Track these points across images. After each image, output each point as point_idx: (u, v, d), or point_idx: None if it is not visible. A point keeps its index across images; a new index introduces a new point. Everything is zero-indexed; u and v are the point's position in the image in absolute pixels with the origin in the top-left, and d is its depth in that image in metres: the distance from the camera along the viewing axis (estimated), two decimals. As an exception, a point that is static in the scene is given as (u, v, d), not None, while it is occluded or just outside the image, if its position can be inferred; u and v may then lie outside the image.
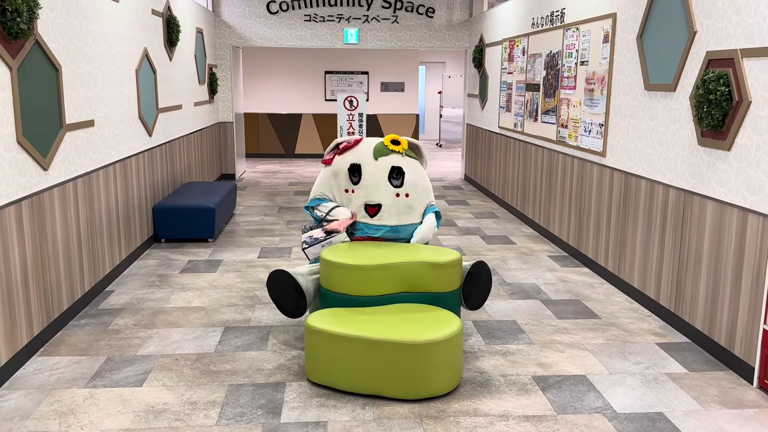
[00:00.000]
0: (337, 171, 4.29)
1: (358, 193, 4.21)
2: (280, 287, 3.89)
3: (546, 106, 6.95)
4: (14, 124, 3.68)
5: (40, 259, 3.99)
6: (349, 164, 4.25)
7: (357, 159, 4.25)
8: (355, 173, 4.23)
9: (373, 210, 4.20)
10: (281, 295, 3.89)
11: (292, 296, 3.88)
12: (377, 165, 4.22)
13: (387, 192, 4.19)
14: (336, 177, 4.29)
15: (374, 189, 4.18)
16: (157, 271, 5.63)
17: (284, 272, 3.87)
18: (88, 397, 3.38)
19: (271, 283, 3.90)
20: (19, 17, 3.53)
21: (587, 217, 5.88)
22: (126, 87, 5.73)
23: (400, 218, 4.22)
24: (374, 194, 4.18)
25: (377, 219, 4.20)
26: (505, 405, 3.36)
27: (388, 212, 4.20)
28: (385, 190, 4.19)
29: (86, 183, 4.74)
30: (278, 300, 3.90)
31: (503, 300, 4.98)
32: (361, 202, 4.21)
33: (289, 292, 3.88)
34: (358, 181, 4.21)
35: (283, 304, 3.91)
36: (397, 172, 4.22)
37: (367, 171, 4.20)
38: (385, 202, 4.19)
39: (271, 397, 3.41)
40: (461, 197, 9.51)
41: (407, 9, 10.94)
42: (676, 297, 4.40)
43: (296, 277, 3.87)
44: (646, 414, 3.28)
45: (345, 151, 4.30)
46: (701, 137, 4.04)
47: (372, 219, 4.20)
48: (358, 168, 4.22)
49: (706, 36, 4.01)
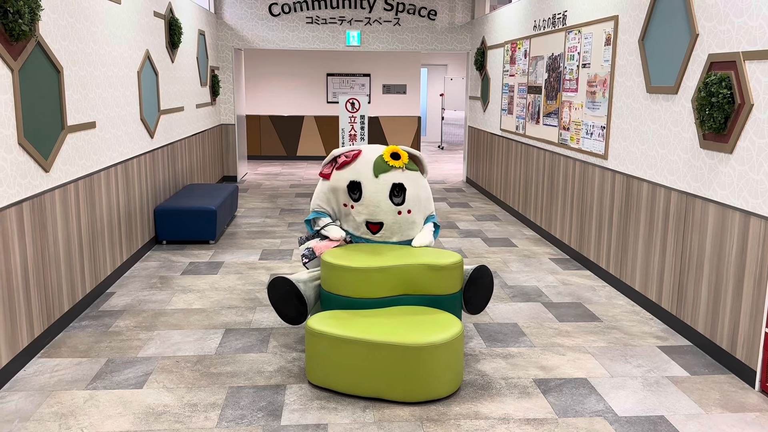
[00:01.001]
0: (336, 187, 4.17)
1: (359, 210, 4.13)
2: (280, 295, 3.88)
3: (548, 109, 6.95)
4: (15, 125, 3.68)
5: (41, 261, 3.99)
6: (348, 181, 4.12)
7: (356, 176, 4.12)
8: (354, 190, 4.12)
9: (375, 228, 4.14)
10: (282, 302, 3.88)
11: (293, 304, 3.88)
12: (378, 183, 4.09)
13: (389, 210, 4.11)
14: (334, 192, 4.18)
15: (375, 208, 4.10)
16: (158, 272, 5.63)
17: (285, 279, 3.86)
18: (89, 399, 3.38)
19: (272, 290, 3.89)
20: (21, 19, 3.53)
21: (589, 220, 5.87)
22: (128, 89, 5.73)
23: (402, 234, 4.20)
24: (375, 213, 4.10)
25: (379, 236, 4.17)
26: (506, 408, 3.35)
27: (390, 230, 4.16)
28: (387, 209, 4.10)
29: (87, 185, 4.74)
30: (279, 307, 3.90)
31: (504, 303, 4.97)
32: (362, 219, 4.13)
33: (289, 300, 3.87)
34: (359, 199, 4.11)
35: (284, 311, 3.90)
36: (398, 190, 4.12)
37: (367, 189, 4.09)
38: (386, 221, 4.12)
39: (272, 400, 3.40)
40: (463, 200, 9.50)
41: (409, 11, 10.94)
42: (677, 300, 4.39)
43: (297, 284, 3.86)
44: (647, 417, 3.27)
45: (343, 167, 4.17)
46: (703, 140, 4.04)
47: (374, 236, 4.16)
48: (358, 186, 4.11)
49: (708, 39, 4.00)
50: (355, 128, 10.36)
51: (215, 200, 6.81)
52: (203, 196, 6.99)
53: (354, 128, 10.36)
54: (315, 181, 11.07)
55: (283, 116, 13.81)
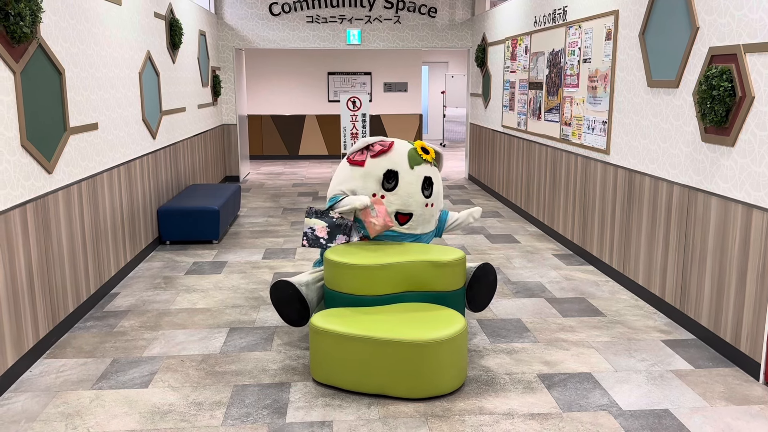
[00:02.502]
0: (370, 173, 4.17)
1: (390, 200, 4.15)
2: (283, 298, 3.89)
3: (549, 105, 6.94)
4: (18, 127, 3.70)
5: (45, 262, 4.00)
6: (385, 170, 4.16)
7: (393, 165, 4.17)
8: (390, 179, 4.16)
9: (404, 218, 4.18)
10: (284, 305, 3.90)
11: (296, 307, 3.90)
12: (413, 174, 4.17)
13: (420, 202, 4.19)
14: (365, 179, 4.18)
15: (409, 198, 4.16)
16: (162, 273, 5.64)
17: (287, 283, 3.88)
18: (95, 399, 3.39)
19: (275, 293, 3.91)
20: (22, 21, 3.55)
21: (591, 215, 5.87)
22: (129, 90, 5.74)
23: (424, 227, 4.28)
24: (408, 203, 4.16)
25: (407, 228, 4.21)
26: (511, 403, 3.35)
27: (416, 221, 4.21)
28: (419, 200, 4.18)
29: (91, 186, 4.76)
30: (281, 310, 3.92)
31: (508, 298, 4.97)
32: (393, 209, 4.16)
33: (292, 303, 3.89)
34: (393, 188, 4.15)
35: (287, 314, 3.93)
36: (428, 183, 4.23)
37: (404, 180, 4.15)
38: (416, 212, 4.19)
39: (277, 397, 3.41)
40: (465, 196, 9.50)
41: (409, 9, 10.94)
42: (681, 294, 4.39)
43: (299, 288, 3.88)
44: (652, 411, 3.27)
45: (380, 155, 4.21)
46: (705, 133, 4.03)
47: (402, 227, 4.20)
48: (395, 175, 4.16)
49: (709, 32, 4.00)
50: (356, 127, 10.37)
51: (218, 200, 6.82)
52: (206, 197, 7.00)
53: (356, 127, 10.37)
54: (317, 179, 11.08)
55: (285, 116, 13.82)
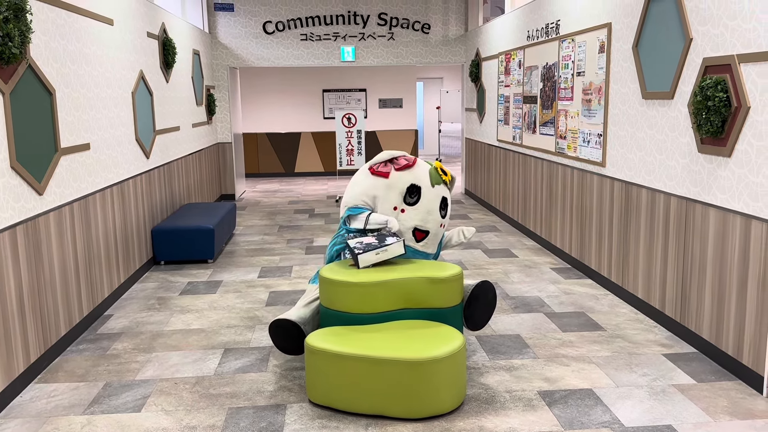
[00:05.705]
0: (394, 186, 4.17)
1: (410, 215, 4.15)
2: (286, 336, 3.83)
3: (544, 118, 6.93)
4: (8, 149, 3.66)
5: (36, 285, 3.94)
6: (409, 183, 4.17)
7: (417, 180, 4.19)
8: (413, 194, 4.17)
9: (421, 235, 4.19)
10: (285, 341, 3.84)
11: (297, 344, 3.86)
12: (433, 192, 4.20)
13: (437, 221, 4.21)
14: (388, 190, 4.17)
15: (428, 215, 4.17)
16: (156, 293, 5.58)
17: (291, 323, 3.80)
18: (86, 425, 3.32)
19: (275, 331, 3.83)
20: (11, 42, 3.52)
21: (589, 228, 5.83)
22: (122, 109, 5.71)
23: (433, 247, 4.30)
24: (427, 220, 4.17)
25: (422, 245, 4.22)
26: (511, 422, 3.29)
27: (430, 240, 4.23)
28: (436, 218, 4.21)
29: (83, 207, 4.71)
30: (281, 346, 3.86)
31: (507, 314, 4.92)
32: (412, 224, 4.16)
33: (293, 340, 3.84)
34: (415, 203, 4.16)
35: (287, 349, 3.87)
36: (444, 203, 4.26)
37: (425, 196, 4.17)
38: (432, 230, 4.21)
39: (272, 420, 3.35)
40: (462, 211, 9.47)
41: (403, 26, 10.97)
42: (681, 307, 4.34)
43: (304, 328, 3.82)
44: (654, 427, 3.21)
45: (405, 169, 4.21)
46: (701, 144, 4.01)
47: (417, 244, 4.20)
48: (418, 190, 4.17)
49: (702, 42, 3.99)
50: (352, 143, 10.35)
51: (213, 219, 6.77)
52: (201, 215, 6.95)
53: (351, 143, 10.35)
54: (313, 196, 11.04)
55: (280, 133, 13.81)
